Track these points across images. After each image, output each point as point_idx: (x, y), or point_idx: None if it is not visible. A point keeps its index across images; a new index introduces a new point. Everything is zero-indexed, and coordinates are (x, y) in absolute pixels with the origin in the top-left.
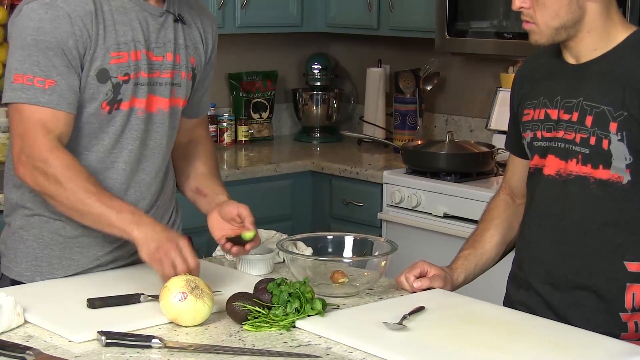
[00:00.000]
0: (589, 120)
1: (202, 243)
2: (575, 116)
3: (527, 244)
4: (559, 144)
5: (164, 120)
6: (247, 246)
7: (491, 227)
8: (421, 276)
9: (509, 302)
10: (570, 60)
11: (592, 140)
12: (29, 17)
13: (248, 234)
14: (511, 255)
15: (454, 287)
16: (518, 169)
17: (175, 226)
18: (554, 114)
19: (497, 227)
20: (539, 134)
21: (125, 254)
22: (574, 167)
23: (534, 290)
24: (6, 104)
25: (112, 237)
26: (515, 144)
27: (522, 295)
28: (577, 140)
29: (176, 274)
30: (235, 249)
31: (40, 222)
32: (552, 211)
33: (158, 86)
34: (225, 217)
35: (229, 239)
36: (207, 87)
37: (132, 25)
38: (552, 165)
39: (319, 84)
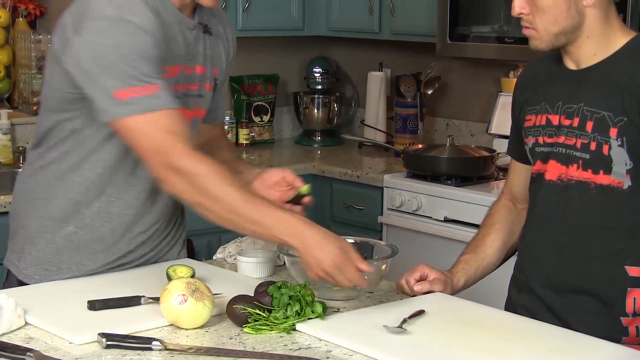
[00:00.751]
0: (589, 126)
1: (203, 245)
2: (576, 122)
3: (529, 248)
4: (560, 149)
5: None
6: (306, 199)
7: (492, 231)
8: (421, 280)
9: (511, 305)
10: (571, 65)
11: (593, 146)
12: (103, 35)
13: (304, 188)
14: (513, 259)
15: (455, 291)
16: (520, 174)
17: (181, 227)
18: (555, 119)
19: (499, 232)
20: (540, 140)
21: (134, 259)
22: (575, 173)
23: (535, 294)
24: (110, 122)
25: (122, 245)
26: (517, 150)
27: (524, 299)
28: (578, 145)
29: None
30: (296, 208)
31: (54, 227)
32: (553, 216)
33: (186, 98)
34: (269, 183)
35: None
36: (221, 95)
37: (177, 40)
38: (553, 171)
39: (320, 87)
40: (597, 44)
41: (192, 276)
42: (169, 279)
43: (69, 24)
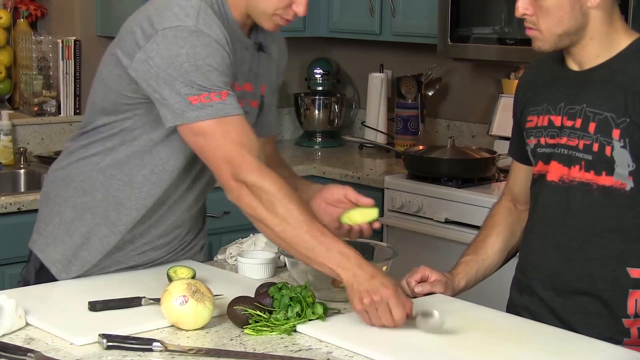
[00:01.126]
0: (592, 127)
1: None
2: (578, 122)
3: (530, 249)
4: (562, 150)
5: None
6: (376, 224)
7: (493, 233)
8: (422, 281)
9: (512, 307)
10: (573, 66)
11: (595, 147)
12: (177, 45)
13: (373, 213)
14: (514, 260)
15: (455, 293)
16: (521, 175)
17: (200, 234)
18: (557, 120)
19: (499, 234)
20: (542, 141)
21: (148, 261)
22: (577, 174)
23: (536, 296)
24: (181, 125)
25: (150, 256)
26: (519, 151)
27: (525, 301)
28: (580, 146)
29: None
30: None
31: (90, 224)
32: (555, 217)
33: None
34: (330, 200)
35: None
36: (272, 108)
37: (237, 57)
38: (555, 172)
39: (320, 88)
40: (600, 45)
41: (193, 277)
42: (170, 280)
43: (138, 30)
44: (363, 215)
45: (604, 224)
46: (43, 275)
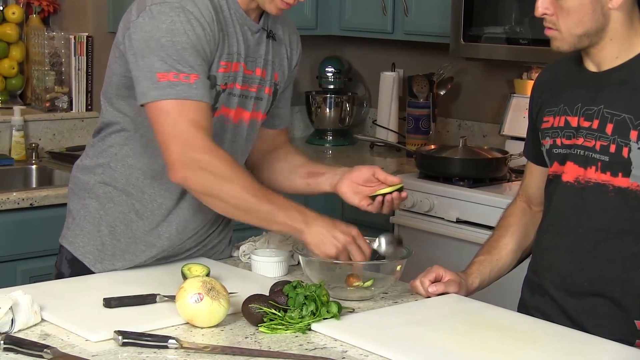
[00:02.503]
0: (609, 128)
1: None
2: (595, 124)
3: (544, 249)
4: (579, 151)
5: (243, 131)
6: (404, 193)
7: (507, 234)
8: (436, 281)
9: (524, 307)
10: (592, 67)
11: (612, 148)
12: (159, 20)
13: (397, 184)
14: (526, 260)
15: (469, 292)
16: (535, 176)
17: (227, 227)
18: (574, 121)
19: (513, 235)
20: (558, 141)
21: (178, 252)
22: (593, 175)
23: (549, 296)
24: (145, 104)
25: (176, 239)
26: (534, 151)
27: (538, 301)
28: (597, 147)
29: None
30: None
31: (115, 212)
32: (569, 218)
33: (244, 99)
34: (359, 180)
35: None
36: (286, 100)
37: (237, 38)
38: (570, 172)
39: (332, 87)
40: (620, 46)
41: (207, 275)
42: (184, 277)
43: (134, 9)
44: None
45: (619, 225)
46: (77, 267)
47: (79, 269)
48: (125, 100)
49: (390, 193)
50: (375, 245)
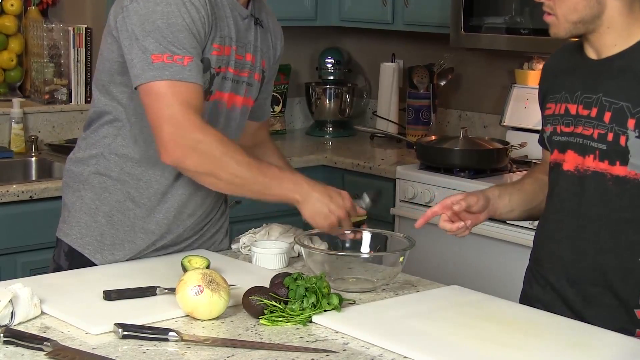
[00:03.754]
0: (607, 117)
1: None
2: (594, 112)
3: (545, 238)
4: (577, 139)
5: (236, 116)
6: (364, 225)
7: (527, 180)
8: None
9: (526, 298)
10: (592, 55)
11: (610, 137)
12: (154, 2)
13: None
14: (528, 252)
15: (495, 210)
16: (547, 163)
17: (224, 216)
18: (573, 108)
19: (533, 183)
20: (558, 129)
21: (176, 240)
22: (591, 163)
23: (550, 286)
24: (139, 86)
25: (172, 226)
26: (543, 138)
27: (538, 291)
28: (595, 136)
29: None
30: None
31: (110, 201)
32: (569, 207)
33: (236, 84)
34: None
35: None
36: (268, 92)
37: (228, 22)
38: (570, 161)
39: (332, 78)
40: (619, 34)
41: (208, 267)
42: (184, 269)
43: None
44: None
45: (618, 214)
46: (75, 259)
47: (77, 261)
48: (118, 87)
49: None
50: (359, 202)
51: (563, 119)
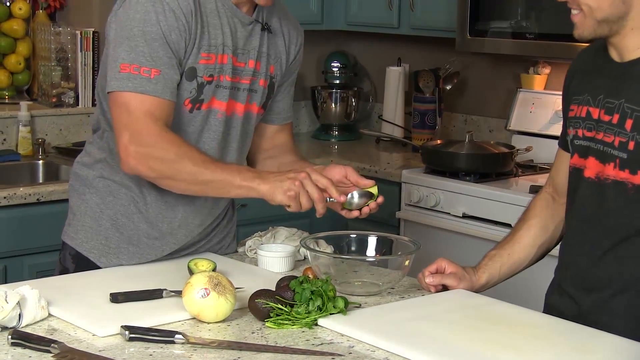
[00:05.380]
0: (628, 124)
1: None
2: (615, 118)
3: (567, 247)
4: (598, 145)
5: (238, 124)
6: (380, 199)
7: (524, 227)
8: (438, 273)
9: (546, 308)
10: (615, 57)
11: (631, 145)
12: (135, 10)
13: (374, 189)
14: (555, 263)
15: (476, 288)
16: (565, 164)
17: (231, 221)
18: (595, 112)
19: (529, 229)
20: (579, 132)
21: (184, 247)
22: (612, 171)
23: (567, 295)
24: (108, 93)
25: (179, 234)
26: (565, 139)
27: (556, 300)
28: (616, 143)
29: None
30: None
31: (115, 205)
32: (589, 215)
33: (237, 91)
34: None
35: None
36: (286, 95)
37: (223, 30)
38: (592, 167)
39: (338, 82)
40: None
41: (214, 270)
42: (191, 272)
43: (119, 0)
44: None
45: (638, 223)
46: (82, 262)
47: (83, 264)
48: None
49: (367, 205)
50: (348, 198)
51: (585, 122)
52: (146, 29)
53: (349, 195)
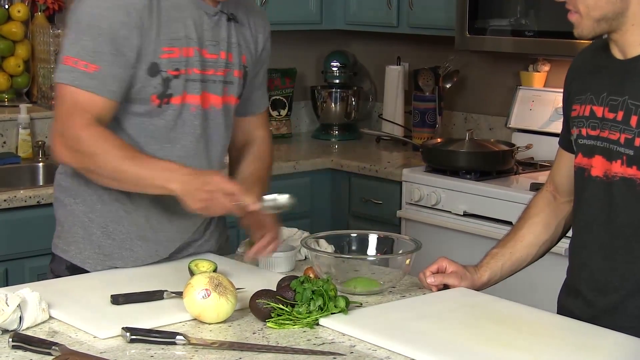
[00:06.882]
0: (633, 121)
1: None
2: (620, 115)
3: (576, 248)
4: (604, 143)
5: (217, 117)
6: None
7: (525, 225)
8: (439, 272)
9: (560, 310)
10: (617, 54)
11: (637, 142)
12: (88, 4)
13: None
14: (566, 264)
15: (477, 287)
16: (565, 164)
17: (221, 220)
18: (599, 111)
19: (531, 227)
20: (584, 132)
21: (181, 248)
22: (619, 169)
23: (582, 297)
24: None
25: (172, 235)
26: (566, 139)
27: (569, 302)
28: (622, 140)
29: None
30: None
31: (103, 212)
32: (599, 215)
33: (211, 83)
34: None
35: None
36: (259, 86)
37: (186, 23)
38: (599, 166)
39: (337, 81)
40: None
41: (215, 271)
42: (191, 273)
43: None
44: None
45: None
46: (78, 273)
47: (79, 274)
48: None
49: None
50: (270, 197)
51: (589, 121)
52: (93, 23)
53: (272, 196)
